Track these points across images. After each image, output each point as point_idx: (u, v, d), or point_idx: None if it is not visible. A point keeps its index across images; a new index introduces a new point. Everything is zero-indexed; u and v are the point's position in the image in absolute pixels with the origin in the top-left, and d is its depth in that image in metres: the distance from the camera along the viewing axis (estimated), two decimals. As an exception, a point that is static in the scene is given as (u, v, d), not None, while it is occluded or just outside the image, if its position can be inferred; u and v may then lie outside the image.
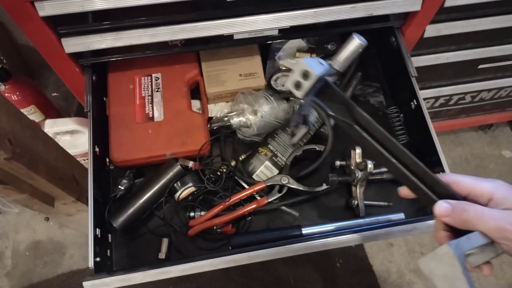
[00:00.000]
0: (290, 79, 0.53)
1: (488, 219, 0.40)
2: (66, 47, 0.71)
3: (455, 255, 0.39)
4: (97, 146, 0.76)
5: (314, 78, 0.51)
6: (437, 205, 0.44)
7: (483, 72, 1.16)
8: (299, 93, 0.53)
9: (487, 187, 0.43)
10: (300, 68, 0.52)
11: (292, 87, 0.53)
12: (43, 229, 1.49)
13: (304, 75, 0.52)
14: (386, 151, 0.50)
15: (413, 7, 0.77)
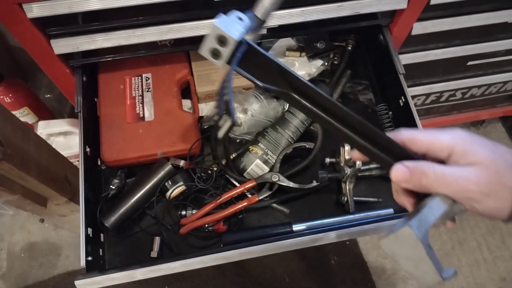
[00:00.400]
0: (204, 45, 0.43)
1: (450, 181, 0.37)
2: (55, 48, 0.72)
3: (418, 237, 0.36)
4: (88, 147, 0.76)
5: (233, 44, 0.42)
6: (393, 169, 0.41)
7: (473, 69, 1.17)
8: (219, 61, 0.44)
9: (446, 141, 0.39)
10: (214, 33, 0.42)
11: (208, 56, 0.44)
12: (38, 230, 1.49)
13: (221, 41, 0.42)
14: (330, 116, 0.44)
15: (399, 5, 0.78)
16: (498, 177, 0.37)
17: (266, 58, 0.44)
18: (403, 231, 0.37)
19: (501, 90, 1.34)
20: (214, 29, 0.42)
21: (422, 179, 0.39)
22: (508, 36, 1.03)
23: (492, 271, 1.47)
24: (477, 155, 0.37)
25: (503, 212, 0.37)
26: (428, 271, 0.38)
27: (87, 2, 0.65)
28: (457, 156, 0.39)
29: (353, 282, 1.42)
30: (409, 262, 0.39)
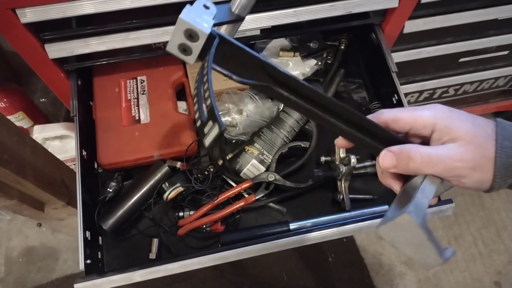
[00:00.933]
0: (172, 41, 0.39)
1: (437, 162, 0.38)
2: (49, 53, 0.72)
3: (418, 223, 0.36)
4: (84, 150, 0.76)
5: (204, 37, 0.38)
6: (380, 157, 0.41)
7: (465, 65, 1.18)
8: (189, 58, 0.40)
9: (428, 118, 0.40)
10: (181, 27, 0.37)
11: (177, 53, 0.40)
12: (35, 235, 1.49)
13: (190, 35, 0.38)
14: (313, 105, 0.42)
15: (390, 4, 0.79)
16: (481, 150, 0.38)
17: (242, 51, 0.40)
18: (402, 218, 0.37)
19: (493, 86, 1.35)
20: (180, 23, 0.37)
21: (409, 164, 0.39)
22: (499, 32, 1.04)
23: (488, 265, 1.49)
24: (459, 131, 0.38)
25: (487, 183, 0.39)
26: (429, 254, 0.38)
27: (80, 6, 0.65)
28: (440, 133, 0.39)
29: (350, 279, 1.43)
30: (409, 247, 0.39)
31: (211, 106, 0.35)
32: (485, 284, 1.46)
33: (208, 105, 0.35)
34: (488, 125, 0.39)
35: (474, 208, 1.57)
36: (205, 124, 0.35)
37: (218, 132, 0.34)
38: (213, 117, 0.34)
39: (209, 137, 0.35)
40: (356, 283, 1.43)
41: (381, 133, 0.42)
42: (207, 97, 0.36)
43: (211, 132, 0.35)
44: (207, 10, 0.40)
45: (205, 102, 0.36)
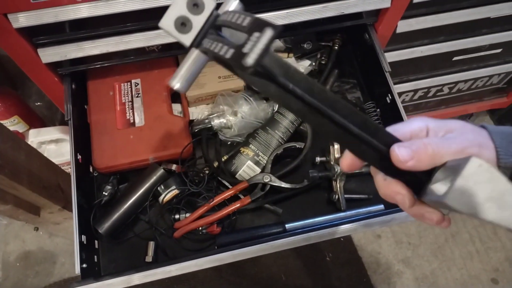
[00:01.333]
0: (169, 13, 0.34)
1: (449, 143, 0.37)
2: (43, 57, 0.72)
3: (488, 163, 0.31)
4: (79, 154, 0.76)
5: (211, 7, 0.33)
6: (394, 151, 0.36)
7: (458, 64, 1.19)
8: (186, 36, 0.34)
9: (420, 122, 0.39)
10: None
11: (172, 29, 0.34)
12: (32, 239, 1.49)
13: (194, 5, 0.33)
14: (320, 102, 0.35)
15: (383, 4, 0.79)
16: (476, 133, 0.38)
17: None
18: (470, 166, 0.32)
19: (487, 84, 1.36)
20: None
21: (428, 149, 0.36)
22: (491, 31, 1.05)
23: (485, 262, 1.49)
24: (450, 124, 0.39)
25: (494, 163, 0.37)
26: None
27: (73, 10, 0.65)
28: (434, 130, 0.39)
29: (348, 278, 1.43)
30: (490, 204, 0.32)
31: (253, 18, 0.29)
32: (482, 281, 1.46)
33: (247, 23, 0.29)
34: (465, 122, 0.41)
35: (470, 206, 1.58)
36: (244, 44, 0.28)
37: (272, 34, 0.27)
38: (259, 25, 0.28)
39: (255, 51, 0.27)
40: (354, 282, 1.43)
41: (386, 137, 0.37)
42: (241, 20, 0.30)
43: (258, 44, 0.27)
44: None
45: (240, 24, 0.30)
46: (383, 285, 1.44)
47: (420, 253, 1.50)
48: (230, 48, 0.30)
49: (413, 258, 1.49)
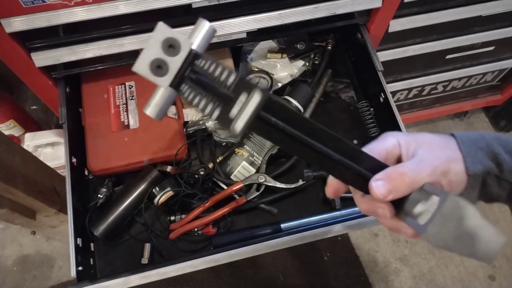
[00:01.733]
0: (144, 56, 0.32)
1: (423, 166, 0.38)
2: (36, 61, 0.72)
3: (466, 201, 0.32)
4: (74, 157, 0.76)
5: (187, 48, 0.32)
6: (372, 188, 0.38)
7: (452, 62, 1.20)
8: (163, 79, 0.32)
9: (392, 139, 0.41)
10: (160, 36, 0.31)
11: (147, 72, 0.33)
12: (30, 243, 1.48)
13: (169, 46, 0.31)
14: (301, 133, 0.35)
15: (374, 4, 0.80)
16: (444, 146, 0.40)
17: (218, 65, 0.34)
18: (449, 203, 0.33)
19: (481, 82, 1.37)
20: (160, 31, 0.31)
21: (405, 179, 0.37)
22: (483, 29, 1.05)
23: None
24: (418, 137, 0.41)
25: (464, 175, 0.39)
26: (489, 236, 0.33)
27: (65, 14, 0.65)
28: (406, 147, 0.41)
29: (346, 277, 1.43)
30: (464, 239, 0.33)
31: (237, 80, 0.28)
32: (479, 278, 1.47)
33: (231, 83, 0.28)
34: (442, 134, 0.42)
35: (467, 203, 1.59)
36: (231, 106, 0.28)
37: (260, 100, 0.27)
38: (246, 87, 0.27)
39: (243, 116, 0.27)
40: (352, 280, 1.43)
41: (366, 160, 0.38)
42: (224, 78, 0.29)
43: (246, 109, 0.27)
44: None
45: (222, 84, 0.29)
46: (381, 284, 1.45)
47: (417, 251, 1.51)
48: (215, 106, 0.30)
49: (410, 256, 1.50)
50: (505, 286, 1.46)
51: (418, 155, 0.39)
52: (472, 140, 0.40)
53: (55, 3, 0.62)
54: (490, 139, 0.41)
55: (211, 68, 0.31)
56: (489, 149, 0.40)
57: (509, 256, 1.50)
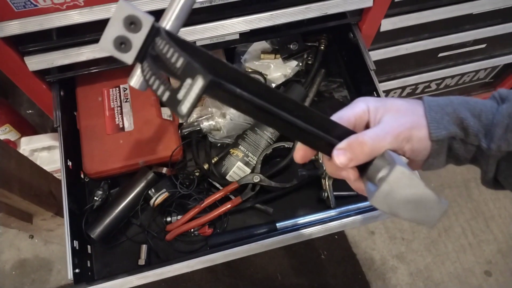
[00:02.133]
0: (107, 33, 0.32)
1: (384, 134, 0.40)
2: (29, 65, 0.72)
3: (411, 172, 0.35)
4: (69, 160, 0.77)
5: (148, 24, 0.32)
6: (334, 157, 0.40)
7: (444, 60, 1.21)
8: (127, 55, 0.33)
9: (362, 105, 0.42)
10: (121, 14, 0.32)
11: (112, 49, 0.33)
12: (27, 247, 1.48)
13: (131, 24, 0.32)
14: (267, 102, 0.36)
15: (365, 4, 0.80)
16: (411, 113, 0.41)
17: (189, 47, 0.34)
18: (395, 173, 0.35)
19: (474, 79, 1.38)
20: (120, 9, 0.31)
21: (364, 148, 0.39)
22: (475, 26, 1.06)
23: (478, 255, 1.51)
24: (387, 104, 0.42)
25: (427, 141, 0.41)
26: (431, 204, 0.36)
27: (58, 18, 0.65)
28: (374, 113, 0.42)
29: (344, 275, 1.44)
30: (408, 206, 0.36)
31: (185, 63, 0.29)
32: (476, 274, 1.48)
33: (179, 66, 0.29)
34: (413, 100, 0.44)
35: (462, 200, 1.60)
36: (179, 89, 0.29)
37: (203, 85, 0.27)
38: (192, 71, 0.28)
39: (188, 100, 0.28)
40: (349, 279, 1.44)
41: (333, 127, 0.40)
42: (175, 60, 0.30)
43: (191, 92, 0.28)
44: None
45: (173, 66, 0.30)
46: (378, 281, 1.45)
47: (413, 248, 1.52)
48: (166, 89, 0.30)
49: (407, 253, 1.51)
50: (501, 281, 1.47)
51: (383, 122, 0.41)
52: (439, 105, 0.41)
53: (47, 6, 0.63)
54: (458, 104, 0.41)
55: (165, 49, 0.32)
56: (455, 114, 0.41)
57: (504, 251, 1.51)
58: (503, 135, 0.39)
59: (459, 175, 1.63)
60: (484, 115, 0.41)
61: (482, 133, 0.41)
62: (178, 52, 0.30)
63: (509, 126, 0.39)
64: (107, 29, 0.32)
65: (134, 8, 0.32)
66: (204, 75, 0.27)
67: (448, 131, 0.41)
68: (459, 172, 1.64)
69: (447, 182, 1.63)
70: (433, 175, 1.64)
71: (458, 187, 1.62)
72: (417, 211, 0.37)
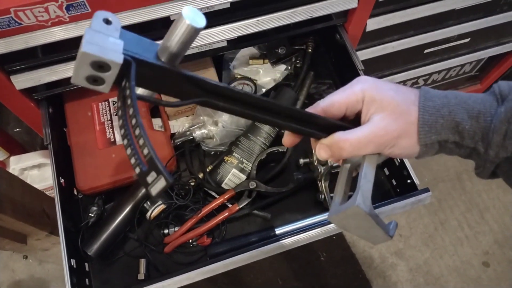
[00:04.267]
0: (76, 74, 0.32)
1: (366, 142, 0.40)
2: (16, 84, 0.71)
3: (366, 213, 0.39)
4: (62, 177, 0.76)
5: (117, 67, 0.32)
6: (316, 151, 0.44)
7: (430, 56, 1.22)
8: (103, 87, 0.33)
9: (358, 92, 0.42)
10: (85, 61, 0.31)
11: (86, 84, 0.33)
12: (22, 267, 1.46)
13: (99, 67, 0.32)
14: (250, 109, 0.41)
15: (350, 5, 0.81)
16: (404, 117, 0.40)
17: (168, 71, 0.36)
18: (352, 210, 0.39)
19: (460, 73, 1.40)
20: (83, 57, 0.30)
21: (342, 153, 0.41)
22: (458, 22, 1.08)
23: (475, 247, 1.52)
24: (383, 101, 0.41)
25: (414, 147, 0.41)
26: (377, 234, 0.43)
27: (43, 35, 0.64)
28: (367, 106, 0.42)
29: (344, 275, 1.44)
30: (359, 230, 0.43)
31: (150, 157, 0.30)
32: (474, 265, 1.49)
33: (146, 154, 0.30)
34: (411, 92, 0.42)
35: (456, 193, 1.61)
36: (147, 174, 0.30)
37: (165, 185, 0.30)
38: (156, 169, 0.29)
39: (156, 188, 0.30)
40: (350, 278, 1.44)
41: (318, 121, 0.43)
42: (142, 145, 0.31)
43: (157, 184, 0.30)
44: (110, 26, 0.33)
45: (140, 149, 0.31)
46: (378, 279, 1.46)
47: (411, 244, 1.52)
48: (137, 164, 0.31)
49: (405, 249, 1.51)
50: (499, 271, 1.48)
51: (371, 122, 0.41)
52: (435, 107, 0.40)
53: (31, 24, 0.62)
54: (455, 104, 0.40)
55: (133, 121, 0.32)
56: (450, 117, 0.40)
57: (501, 241, 1.53)
58: (501, 142, 0.38)
59: (451, 168, 1.65)
60: (483, 116, 0.39)
61: (479, 135, 0.39)
62: (144, 137, 0.31)
63: (507, 133, 0.38)
64: (75, 70, 0.31)
65: (99, 51, 0.30)
66: (166, 178, 0.29)
67: (439, 136, 0.40)
68: (451, 165, 1.65)
69: (439, 176, 1.64)
70: (425, 170, 1.65)
71: (451, 180, 1.64)
72: (365, 234, 0.44)
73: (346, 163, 0.46)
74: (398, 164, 0.80)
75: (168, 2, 0.66)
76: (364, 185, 0.41)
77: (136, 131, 0.31)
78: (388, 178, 0.85)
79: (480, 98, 0.41)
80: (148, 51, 0.35)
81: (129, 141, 0.31)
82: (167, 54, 0.36)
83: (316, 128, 0.44)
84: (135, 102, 0.32)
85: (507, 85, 0.40)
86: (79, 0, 0.60)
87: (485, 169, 0.41)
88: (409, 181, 0.78)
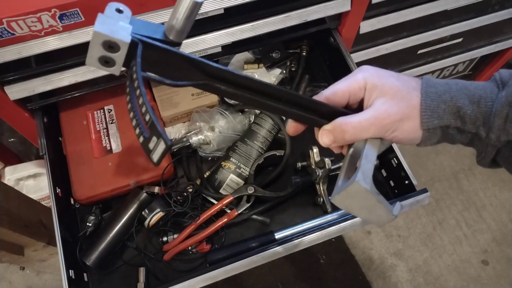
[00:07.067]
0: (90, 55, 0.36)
1: (368, 126, 0.41)
2: (10, 94, 0.71)
3: (367, 189, 0.39)
4: (58, 187, 0.75)
5: (125, 47, 0.35)
6: (319, 137, 0.44)
7: (424, 56, 1.23)
8: (114, 69, 0.37)
9: (360, 80, 0.43)
10: (97, 40, 0.34)
11: (99, 66, 0.37)
12: (19, 279, 1.44)
13: (109, 47, 0.35)
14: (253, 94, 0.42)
15: (343, 8, 0.81)
16: (405, 101, 0.41)
17: (170, 53, 0.38)
18: (353, 187, 0.39)
19: (454, 72, 1.41)
20: (96, 37, 0.34)
21: (345, 136, 0.42)
22: (450, 22, 1.09)
23: (474, 245, 1.53)
24: (384, 87, 0.41)
25: (417, 131, 0.42)
26: (381, 213, 0.42)
27: (37, 45, 0.64)
28: (369, 92, 0.42)
29: (344, 277, 1.44)
30: (362, 210, 0.42)
31: (151, 121, 0.33)
32: (473, 264, 1.50)
33: (147, 120, 0.33)
34: (412, 79, 0.43)
35: (453, 192, 1.62)
36: (149, 140, 0.33)
37: (165, 148, 0.33)
38: (156, 133, 0.33)
39: (157, 153, 0.33)
40: (350, 280, 1.44)
41: (321, 108, 0.44)
42: (144, 112, 0.34)
43: (157, 148, 0.33)
44: (121, 15, 0.36)
45: (143, 117, 0.34)
46: (378, 280, 1.46)
47: (410, 244, 1.52)
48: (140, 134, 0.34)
49: (404, 250, 1.51)
50: (498, 269, 1.48)
51: (373, 107, 0.41)
52: (437, 92, 0.41)
53: (24, 34, 0.61)
54: (457, 90, 0.41)
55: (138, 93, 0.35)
56: (452, 102, 0.40)
57: (499, 239, 1.53)
58: (502, 126, 0.39)
59: (448, 167, 1.66)
60: (484, 101, 0.40)
61: (480, 120, 0.40)
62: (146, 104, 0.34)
63: (508, 116, 0.39)
64: (89, 51, 0.35)
65: (110, 31, 0.34)
66: (165, 140, 0.32)
67: (441, 121, 0.41)
68: (447, 164, 1.66)
69: (436, 175, 1.65)
70: (422, 170, 1.65)
71: (447, 180, 1.64)
72: (369, 215, 0.43)
73: (350, 151, 0.46)
74: (395, 165, 0.80)
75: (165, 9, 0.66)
76: (364, 164, 0.41)
77: (139, 100, 0.35)
78: (386, 179, 0.85)
79: (481, 84, 0.41)
80: (155, 32, 0.40)
81: (134, 113, 0.35)
82: (173, 31, 0.40)
83: (319, 115, 0.44)
84: (139, 75, 0.35)
85: (507, 72, 0.41)
86: (72, 10, 0.60)
87: (487, 154, 0.42)
88: (407, 182, 0.78)
